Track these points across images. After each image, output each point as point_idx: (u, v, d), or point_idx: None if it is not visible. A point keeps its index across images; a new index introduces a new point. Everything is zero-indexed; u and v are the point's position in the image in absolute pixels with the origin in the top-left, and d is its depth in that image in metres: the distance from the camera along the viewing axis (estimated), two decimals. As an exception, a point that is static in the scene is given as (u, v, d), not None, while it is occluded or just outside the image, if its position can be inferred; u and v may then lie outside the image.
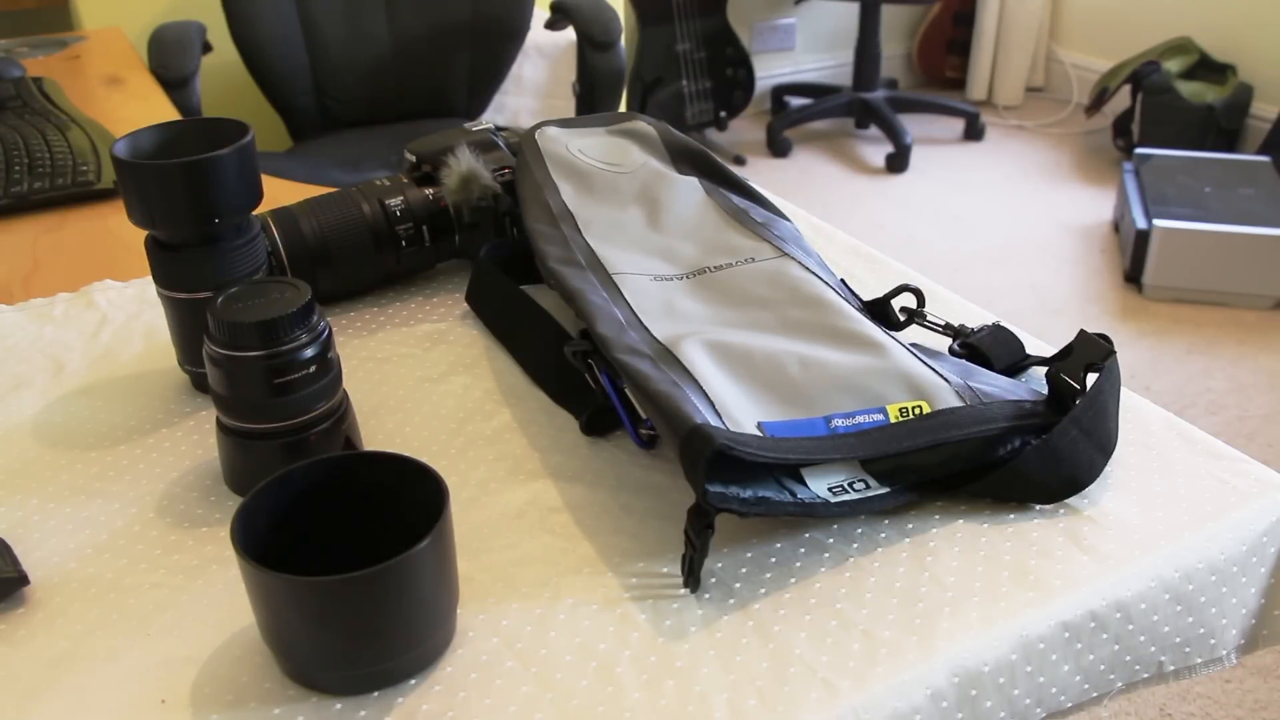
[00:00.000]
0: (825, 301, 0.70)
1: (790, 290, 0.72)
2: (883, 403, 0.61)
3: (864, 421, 0.60)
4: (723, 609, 0.56)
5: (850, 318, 0.69)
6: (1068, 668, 0.56)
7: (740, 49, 3.53)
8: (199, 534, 0.62)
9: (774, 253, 0.76)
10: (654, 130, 0.90)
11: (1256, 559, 0.61)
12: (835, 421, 0.60)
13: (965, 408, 0.62)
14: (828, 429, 0.60)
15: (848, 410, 0.61)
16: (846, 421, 0.60)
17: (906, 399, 0.62)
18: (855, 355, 0.65)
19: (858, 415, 0.61)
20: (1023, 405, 0.63)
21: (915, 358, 0.65)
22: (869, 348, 0.66)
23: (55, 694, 0.52)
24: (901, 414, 0.61)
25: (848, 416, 0.60)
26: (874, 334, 0.67)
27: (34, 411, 0.74)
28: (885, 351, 0.66)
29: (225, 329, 0.60)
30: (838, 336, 0.67)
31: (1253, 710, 1.53)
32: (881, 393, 0.62)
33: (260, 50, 2.17)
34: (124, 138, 0.68)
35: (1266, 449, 2.04)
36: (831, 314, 0.69)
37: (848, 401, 0.61)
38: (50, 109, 1.41)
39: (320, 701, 0.51)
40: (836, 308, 0.70)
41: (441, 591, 0.52)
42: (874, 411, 0.61)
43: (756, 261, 0.75)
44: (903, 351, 0.66)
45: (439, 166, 0.84)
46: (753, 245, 0.77)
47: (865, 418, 0.61)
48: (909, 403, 0.61)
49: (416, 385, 0.75)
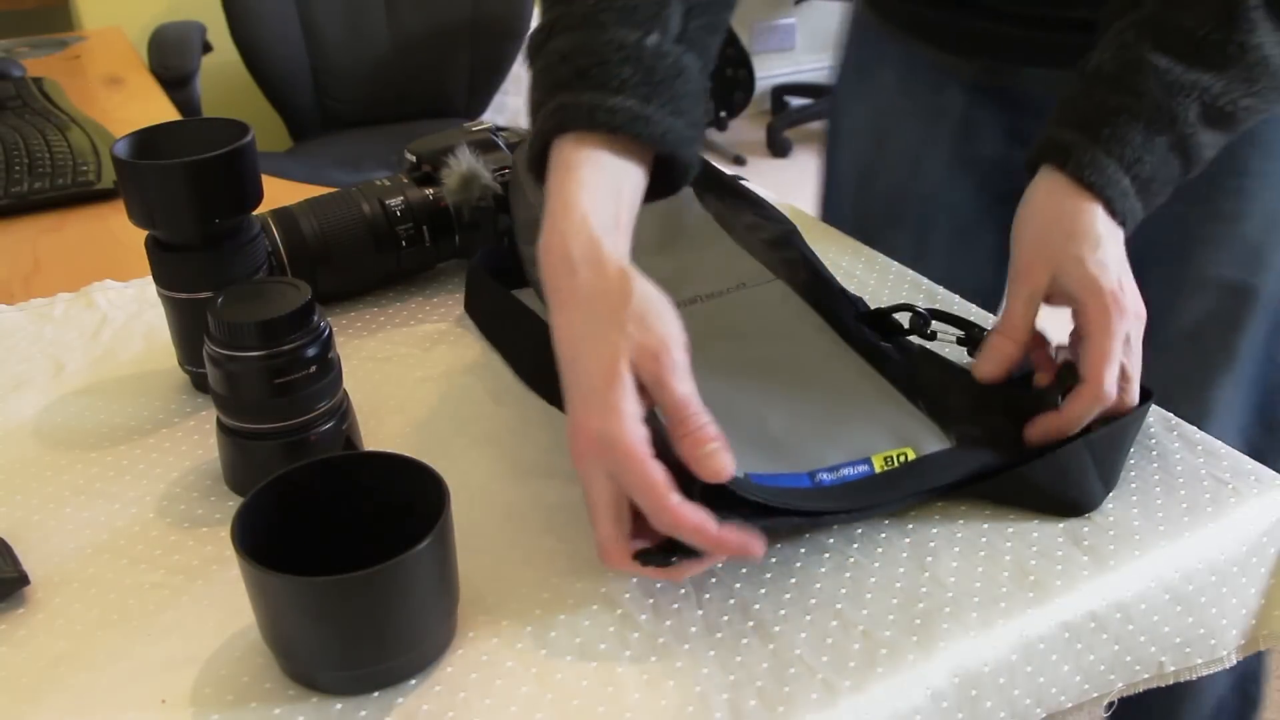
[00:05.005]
0: (815, 338, 0.70)
1: (779, 322, 0.71)
2: (868, 453, 0.62)
3: (848, 474, 0.61)
4: (723, 609, 0.56)
5: (837, 358, 0.69)
6: (1068, 668, 0.56)
7: (740, 49, 3.53)
8: (199, 534, 0.62)
9: (767, 276, 0.75)
10: None
11: (1256, 559, 0.61)
12: (820, 475, 0.60)
13: (951, 450, 0.62)
14: (812, 483, 0.60)
15: (832, 464, 0.61)
16: (831, 475, 0.61)
17: (891, 446, 0.62)
18: (840, 401, 0.65)
19: (842, 469, 0.61)
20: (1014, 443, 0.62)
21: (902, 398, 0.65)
22: (854, 391, 0.66)
23: (55, 694, 0.52)
24: (886, 462, 0.61)
25: (832, 470, 0.61)
26: (861, 375, 0.67)
27: (34, 411, 0.74)
28: (871, 395, 0.66)
29: (225, 329, 0.60)
30: (824, 379, 0.67)
31: (1253, 710, 1.53)
32: (866, 443, 0.62)
33: (260, 50, 2.17)
34: (124, 138, 0.68)
35: (1266, 449, 2.04)
36: (820, 355, 0.69)
37: (832, 454, 0.62)
38: (50, 109, 1.41)
39: (320, 701, 0.51)
40: (825, 347, 0.69)
41: (441, 591, 0.52)
42: (859, 464, 0.61)
43: (748, 287, 0.74)
44: (891, 391, 0.66)
45: (439, 166, 0.84)
46: (746, 267, 0.76)
47: (850, 469, 0.61)
48: (894, 450, 0.62)
49: (416, 385, 0.75)
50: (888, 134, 0.99)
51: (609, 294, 0.52)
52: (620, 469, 0.51)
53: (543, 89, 0.58)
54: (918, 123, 0.96)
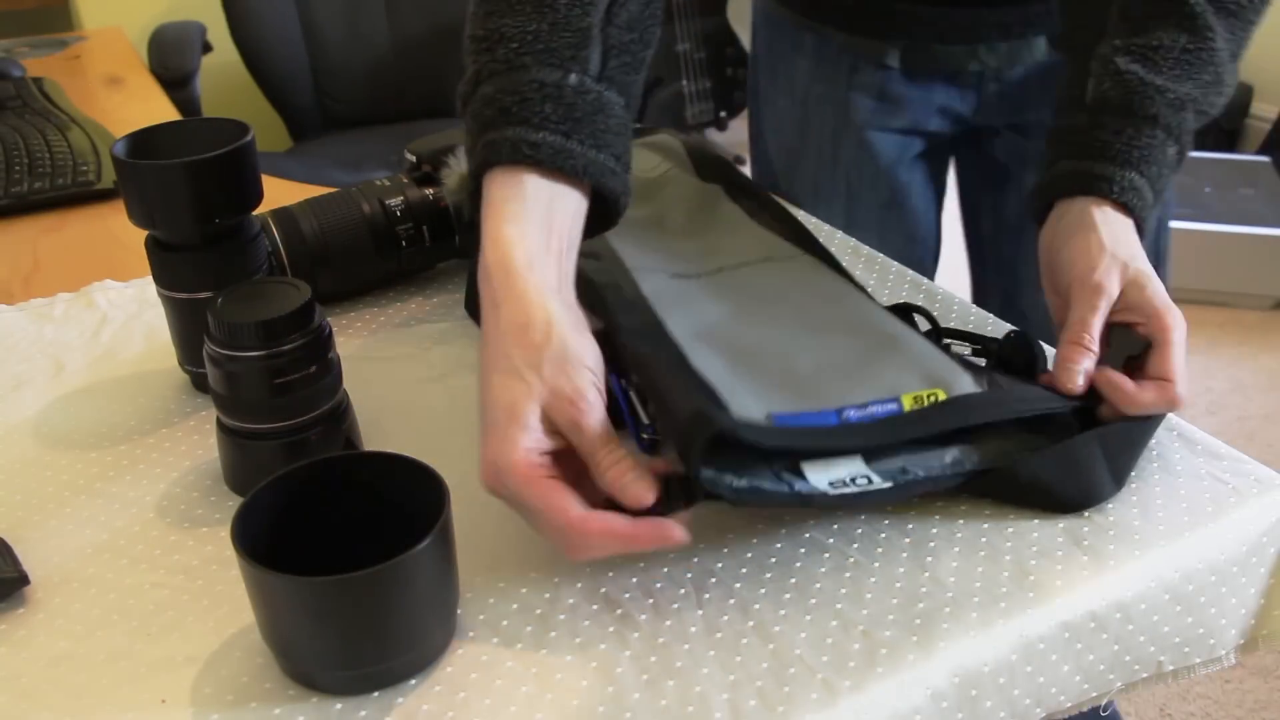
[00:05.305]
0: (841, 295, 0.71)
1: (806, 285, 0.72)
2: (897, 392, 0.61)
3: (877, 411, 0.60)
4: (723, 609, 0.56)
5: (866, 309, 0.69)
6: (1068, 668, 0.56)
7: (740, 49, 3.53)
8: (199, 534, 0.62)
9: (793, 250, 0.76)
10: (678, 142, 0.92)
11: (1256, 559, 0.61)
12: (848, 412, 0.60)
13: (983, 393, 0.61)
14: (839, 420, 0.59)
15: (861, 401, 0.60)
16: (859, 412, 0.60)
17: (922, 387, 0.61)
18: (870, 345, 0.65)
19: (871, 405, 0.60)
20: (1049, 394, 0.62)
21: (932, 344, 0.65)
22: (884, 337, 0.66)
23: (55, 694, 0.52)
24: (916, 402, 0.60)
25: (861, 407, 0.60)
26: (890, 323, 0.67)
27: (34, 411, 0.74)
28: (901, 340, 0.66)
29: (225, 329, 0.60)
30: (853, 328, 0.67)
31: (1253, 710, 1.53)
32: (896, 382, 0.62)
33: (260, 50, 2.17)
34: (124, 138, 0.68)
35: (1266, 449, 2.04)
36: (847, 306, 0.69)
37: (861, 392, 0.61)
38: (50, 109, 1.41)
39: (320, 701, 0.51)
40: (852, 300, 0.70)
41: (441, 591, 0.53)
42: (888, 401, 0.60)
43: (774, 260, 0.75)
44: (919, 339, 0.66)
45: (439, 166, 0.84)
46: (772, 244, 0.77)
47: (879, 407, 0.60)
48: (924, 391, 0.61)
49: (416, 385, 0.75)
50: (808, 121, 1.04)
51: (529, 332, 0.54)
52: (518, 496, 0.53)
53: (473, 132, 0.61)
54: (836, 107, 1.01)
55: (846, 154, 1.03)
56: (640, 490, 0.53)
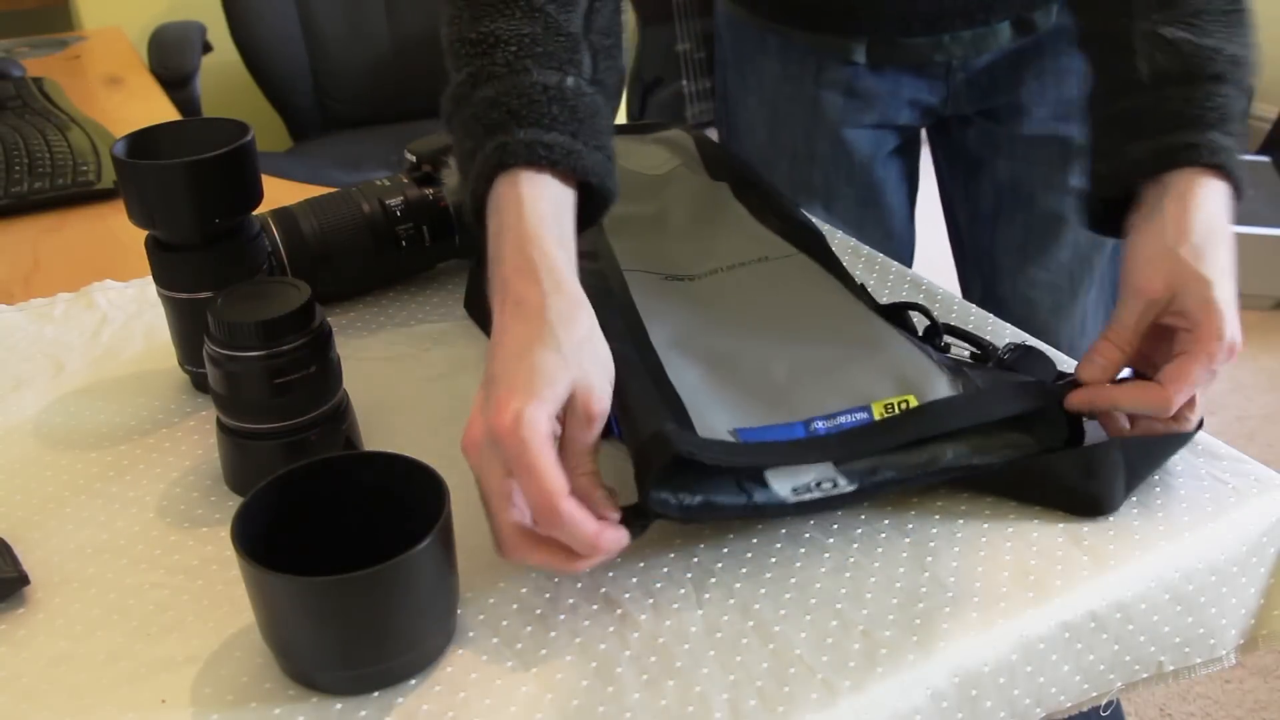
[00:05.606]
0: (828, 295, 0.71)
1: (795, 287, 0.72)
2: (868, 399, 0.61)
3: (845, 422, 0.60)
4: (723, 609, 0.56)
5: (851, 310, 0.69)
6: (1068, 668, 0.56)
7: (740, 49, 3.53)
8: (199, 534, 0.62)
9: (789, 250, 0.76)
10: (690, 138, 0.92)
11: (1256, 559, 0.61)
12: (815, 424, 0.60)
13: (956, 397, 0.61)
14: (805, 432, 0.60)
15: (830, 411, 0.61)
16: (827, 424, 0.60)
17: (894, 393, 0.61)
18: (849, 348, 0.65)
19: (840, 416, 0.60)
20: (1025, 394, 0.62)
21: (913, 345, 0.65)
22: (864, 340, 0.66)
23: (55, 694, 0.52)
24: (886, 410, 0.61)
25: (829, 418, 0.60)
26: (873, 325, 0.67)
27: (34, 411, 0.74)
28: (880, 343, 0.65)
29: (225, 329, 0.60)
30: (834, 331, 0.67)
31: (1253, 710, 1.53)
32: (869, 388, 0.62)
33: (260, 50, 2.17)
34: (124, 138, 0.68)
35: (1266, 449, 2.04)
36: (832, 308, 0.69)
37: (833, 400, 0.61)
38: (50, 109, 1.41)
39: (320, 701, 0.51)
40: (838, 301, 0.70)
41: (441, 591, 0.53)
42: (857, 411, 0.61)
43: (770, 260, 0.75)
44: (900, 340, 0.65)
45: (439, 166, 0.84)
46: (770, 243, 0.78)
47: (847, 418, 0.60)
48: (895, 398, 0.61)
49: (416, 385, 0.75)
50: (779, 123, 1.05)
51: (576, 327, 0.55)
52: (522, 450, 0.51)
53: (477, 135, 0.61)
54: (806, 106, 1.02)
55: (821, 152, 1.03)
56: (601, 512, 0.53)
